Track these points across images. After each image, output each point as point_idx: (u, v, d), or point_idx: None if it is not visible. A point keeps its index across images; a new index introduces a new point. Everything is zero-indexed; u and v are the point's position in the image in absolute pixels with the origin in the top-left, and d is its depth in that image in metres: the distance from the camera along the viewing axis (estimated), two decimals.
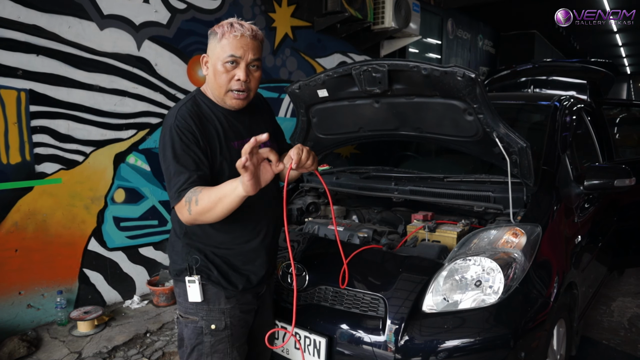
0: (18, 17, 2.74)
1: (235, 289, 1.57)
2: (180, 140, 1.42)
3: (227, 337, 1.57)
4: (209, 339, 1.56)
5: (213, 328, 1.55)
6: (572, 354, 2.28)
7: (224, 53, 1.44)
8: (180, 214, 1.41)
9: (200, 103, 1.54)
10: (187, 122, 1.45)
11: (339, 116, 2.47)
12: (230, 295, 1.57)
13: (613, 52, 13.57)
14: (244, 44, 1.44)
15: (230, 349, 1.58)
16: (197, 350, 1.57)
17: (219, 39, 1.45)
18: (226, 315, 1.57)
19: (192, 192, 1.37)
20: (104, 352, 2.75)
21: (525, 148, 1.95)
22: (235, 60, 1.45)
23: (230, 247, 1.56)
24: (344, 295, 1.79)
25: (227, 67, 1.45)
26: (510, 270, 1.71)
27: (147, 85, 3.42)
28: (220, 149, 1.50)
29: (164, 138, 1.46)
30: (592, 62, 4.45)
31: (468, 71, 1.84)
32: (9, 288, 2.83)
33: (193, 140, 1.43)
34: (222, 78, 1.47)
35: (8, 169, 2.78)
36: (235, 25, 1.45)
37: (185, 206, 1.37)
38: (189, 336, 1.58)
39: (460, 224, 2.07)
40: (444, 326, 1.63)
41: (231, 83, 1.48)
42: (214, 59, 1.47)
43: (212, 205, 1.34)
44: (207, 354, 1.56)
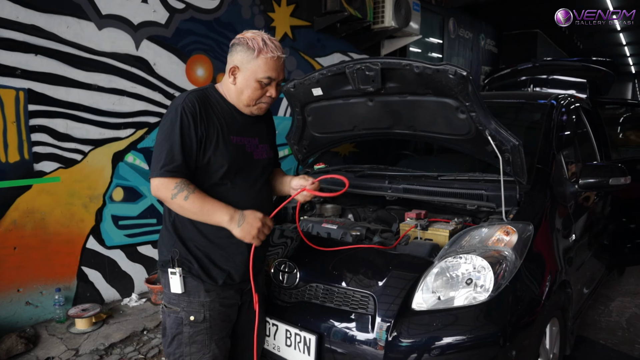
0: (17, 17, 2.76)
1: (215, 283, 1.61)
2: (181, 122, 1.51)
3: (206, 329, 1.61)
4: (188, 329, 1.60)
5: (192, 319, 1.59)
6: (567, 354, 2.27)
7: (262, 73, 1.55)
8: (157, 189, 1.49)
9: (210, 94, 1.62)
10: (194, 106, 1.53)
11: (333, 115, 2.47)
12: (210, 289, 1.60)
13: (617, 51, 13.49)
14: (278, 65, 1.58)
15: (209, 341, 1.62)
16: (176, 339, 1.62)
17: (256, 55, 1.54)
18: (205, 308, 1.60)
19: (186, 185, 1.47)
20: (100, 349, 2.76)
21: (517, 146, 1.95)
22: (270, 81, 1.58)
23: (213, 240, 1.60)
24: (334, 293, 1.80)
25: (261, 85, 1.58)
26: (500, 268, 1.71)
27: (146, 84, 3.44)
28: (217, 139, 1.56)
29: (169, 114, 1.54)
30: (593, 60, 4.43)
31: (460, 69, 1.84)
32: (7, 285, 2.86)
33: (192, 125, 1.52)
34: (256, 93, 1.59)
35: (7, 167, 2.80)
36: (270, 45, 1.55)
37: (171, 190, 1.46)
38: (170, 325, 1.63)
39: (452, 222, 2.07)
40: (434, 324, 1.63)
41: (262, 98, 1.62)
42: (247, 74, 1.56)
43: (197, 212, 1.50)
44: (186, 344, 1.61)
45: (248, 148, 1.66)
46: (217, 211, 1.50)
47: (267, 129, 1.79)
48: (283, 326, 1.83)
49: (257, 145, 1.70)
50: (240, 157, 1.62)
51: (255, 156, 1.68)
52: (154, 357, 2.74)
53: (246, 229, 1.50)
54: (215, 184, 1.58)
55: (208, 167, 1.56)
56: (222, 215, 1.50)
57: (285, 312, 1.86)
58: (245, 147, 1.65)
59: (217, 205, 1.50)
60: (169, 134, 1.51)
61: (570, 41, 10.91)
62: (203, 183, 1.57)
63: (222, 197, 1.58)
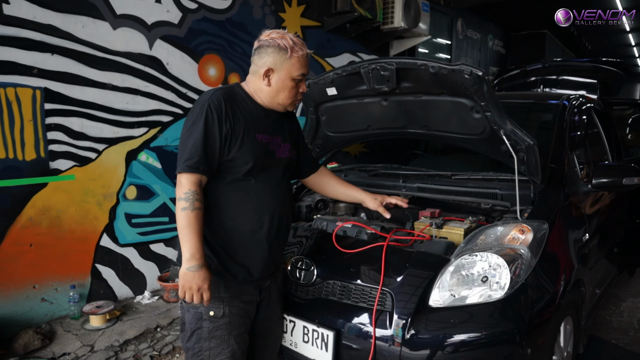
0: (34, 17, 2.80)
1: (234, 279, 1.63)
2: (206, 118, 1.53)
3: (225, 324, 1.63)
4: (208, 324, 1.62)
5: (211, 315, 1.61)
6: (580, 352, 2.28)
7: (296, 71, 1.61)
8: (178, 184, 1.54)
9: (236, 92, 1.65)
10: (220, 104, 1.56)
11: (347, 114, 2.49)
12: (229, 284, 1.63)
13: (626, 52, 13.41)
14: (306, 62, 1.64)
15: (228, 337, 1.63)
16: (196, 334, 1.63)
17: (289, 55, 1.58)
18: (225, 304, 1.62)
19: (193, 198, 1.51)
20: (115, 345, 2.80)
21: (532, 146, 1.96)
22: (302, 78, 1.64)
23: (232, 237, 1.62)
24: (351, 290, 1.82)
25: (296, 82, 1.64)
26: (516, 266, 1.72)
27: (159, 84, 3.48)
28: (242, 136, 1.58)
29: (194, 110, 1.58)
30: (603, 61, 4.43)
31: (475, 69, 1.85)
32: (23, 282, 2.90)
33: (217, 122, 1.54)
34: (293, 92, 1.66)
35: (23, 165, 2.84)
36: (297, 41, 1.60)
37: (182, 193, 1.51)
38: (190, 321, 1.65)
39: (467, 221, 2.08)
40: (450, 320, 1.64)
41: (297, 95, 1.68)
42: (283, 74, 1.61)
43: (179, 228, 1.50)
44: (205, 339, 1.62)
45: (271, 146, 1.68)
46: (188, 243, 1.48)
47: (290, 128, 1.81)
48: (301, 323, 1.85)
49: (280, 144, 1.72)
50: (264, 154, 1.64)
51: (277, 155, 1.70)
52: (168, 353, 2.77)
53: (188, 276, 1.48)
54: (239, 179, 1.61)
55: (233, 163, 1.58)
56: (189, 249, 1.48)
57: (302, 309, 1.88)
58: (269, 145, 1.67)
59: (195, 238, 1.49)
60: (193, 130, 1.54)
61: (578, 42, 10.87)
62: (227, 178, 1.60)
63: (245, 193, 1.61)
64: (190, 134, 1.54)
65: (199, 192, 1.52)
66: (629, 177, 2.34)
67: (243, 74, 4.07)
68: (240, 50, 4.01)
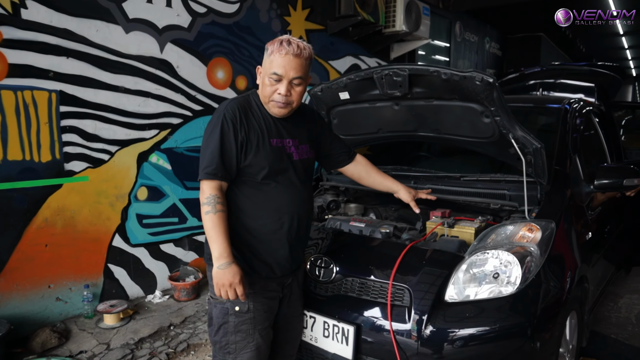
0: (50, 21, 2.86)
1: (258, 276, 1.71)
2: (222, 128, 1.63)
3: (250, 319, 1.71)
4: (233, 319, 1.70)
5: (237, 310, 1.70)
6: (583, 346, 2.38)
7: (270, 69, 1.64)
8: (200, 191, 1.65)
9: (252, 101, 1.74)
10: (234, 113, 1.65)
11: (359, 118, 2.58)
12: (253, 281, 1.71)
13: (619, 55, 13.63)
14: (286, 62, 1.61)
15: (253, 331, 1.72)
16: (223, 328, 1.72)
17: (269, 54, 1.64)
18: (249, 299, 1.70)
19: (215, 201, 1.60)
20: (131, 343, 2.86)
21: (539, 149, 2.05)
22: (278, 78, 1.63)
23: (256, 236, 1.70)
24: (370, 286, 1.90)
25: (271, 81, 1.65)
26: (526, 263, 1.81)
27: (169, 86, 3.54)
28: (257, 143, 1.67)
29: (212, 121, 1.67)
30: (600, 65, 4.54)
31: (486, 76, 1.94)
32: (39, 282, 2.95)
33: (232, 131, 1.63)
34: (267, 90, 1.67)
35: (39, 167, 2.90)
36: (284, 43, 1.62)
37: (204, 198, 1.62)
38: (217, 315, 1.73)
39: (477, 221, 2.18)
40: (465, 315, 1.73)
41: (273, 95, 1.67)
42: (263, 72, 1.68)
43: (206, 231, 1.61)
44: (231, 333, 1.71)
45: (287, 149, 1.76)
46: (215, 243, 1.57)
47: (308, 130, 1.87)
48: (321, 318, 1.93)
49: (298, 146, 1.80)
50: (280, 158, 1.72)
51: (294, 157, 1.78)
52: (183, 351, 2.84)
53: (220, 274, 1.57)
54: (259, 183, 1.69)
55: (250, 168, 1.67)
56: (217, 248, 1.57)
57: (322, 305, 1.96)
58: (285, 149, 1.75)
59: (221, 238, 1.57)
60: (211, 139, 1.64)
61: (573, 45, 11.05)
62: (249, 182, 1.69)
63: (266, 195, 1.70)
64: (208, 143, 1.64)
65: (220, 196, 1.62)
66: (630, 179, 2.43)
67: (250, 76, 4.14)
68: (247, 53, 4.09)
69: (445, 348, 1.71)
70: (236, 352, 1.70)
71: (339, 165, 2.13)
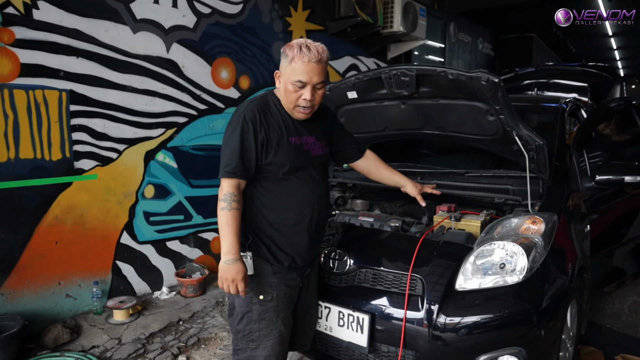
0: (61, 21, 2.91)
1: (281, 266, 1.79)
2: (242, 128, 1.70)
3: (274, 307, 1.78)
4: (257, 307, 1.77)
5: (261, 298, 1.77)
6: (582, 333, 2.49)
7: (294, 76, 1.68)
8: (220, 187, 1.72)
9: (270, 101, 1.79)
10: (254, 114, 1.71)
11: (366, 116, 2.66)
12: (276, 271, 1.79)
13: (608, 55, 13.90)
14: (310, 69, 1.67)
15: (276, 319, 1.79)
16: (246, 317, 1.79)
17: (290, 61, 1.68)
18: (273, 288, 1.78)
19: (231, 199, 1.68)
20: (142, 338, 2.92)
21: (542, 145, 2.15)
22: (302, 84, 1.69)
23: (278, 229, 1.78)
24: (384, 277, 1.99)
25: (295, 88, 1.70)
26: (531, 253, 1.91)
27: (175, 86, 3.60)
28: (277, 142, 1.74)
29: (233, 121, 1.74)
30: (592, 65, 4.67)
31: (492, 76, 2.03)
32: (50, 278, 3.00)
33: (252, 131, 1.70)
34: (292, 96, 1.73)
35: (50, 165, 2.94)
36: (304, 49, 1.66)
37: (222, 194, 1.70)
38: (240, 305, 1.80)
39: (482, 214, 2.27)
40: (475, 303, 1.82)
41: (299, 101, 1.73)
42: (285, 78, 1.72)
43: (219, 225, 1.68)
44: (256, 321, 1.78)
45: (305, 147, 1.83)
46: (226, 239, 1.66)
47: (324, 128, 1.95)
48: (336, 308, 2.01)
49: (315, 143, 1.87)
50: (299, 155, 1.79)
51: (312, 153, 1.86)
52: (194, 344, 2.90)
53: (225, 269, 1.66)
54: (280, 178, 1.77)
55: (272, 166, 1.75)
56: (226, 244, 1.66)
57: (337, 296, 2.04)
58: (303, 146, 1.82)
59: (231, 235, 1.66)
60: (231, 139, 1.71)
61: (563, 45, 11.25)
62: (270, 178, 1.77)
63: (287, 190, 1.78)
64: (229, 143, 1.71)
65: (237, 194, 1.69)
66: (632, 176, 2.49)
67: (253, 76, 4.21)
68: (250, 53, 4.15)
69: (456, 334, 1.80)
70: (260, 339, 1.77)
71: (350, 160, 2.21)
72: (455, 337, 1.80)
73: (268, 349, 1.78)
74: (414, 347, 1.85)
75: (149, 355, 2.75)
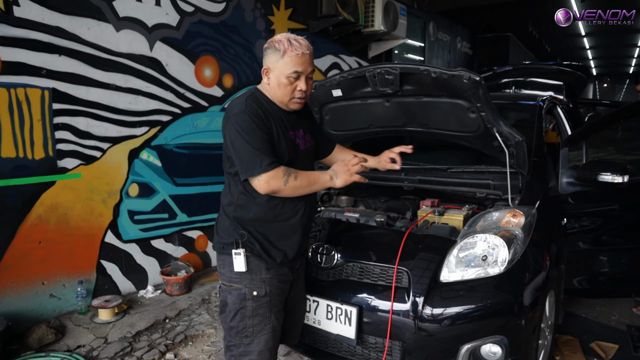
0: (42, 19, 2.87)
1: (274, 261, 1.81)
2: (254, 122, 1.68)
3: (267, 303, 1.81)
4: (251, 304, 1.79)
5: (255, 294, 1.79)
6: (559, 323, 2.59)
7: (289, 69, 1.70)
8: (269, 184, 1.67)
9: (259, 98, 1.79)
10: (256, 109, 1.71)
11: (350, 114, 2.71)
12: (270, 267, 1.81)
13: (581, 55, 14.31)
14: (304, 60, 1.72)
15: (269, 314, 1.82)
16: (240, 313, 1.80)
17: (282, 55, 1.70)
18: (266, 284, 1.80)
19: (287, 169, 1.69)
20: (128, 336, 2.91)
21: (521, 142, 2.24)
22: (298, 75, 1.72)
23: (271, 223, 1.80)
24: (371, 270, 2.04)
25: (290, 80, 1.73)
26: (512, 245, 1.99)
27: (159, 84, 3.59)
28: (278, 135, 1.76)
29: (237, 121, 1.68)
30: (567, 65, 4.83)
31: (473, 74, 2.10)
32: (33, 278, 2.96)
33: (262, 124, 1.70)
34: (287, 89, 1.74)
35: (33, 164, 2.91)
36: (294, 42, 1.70)
37: (282, 177, 1.68)
38: (233, 301, 1.81)
39: (465, 209, 2.35)
40: (459, 294, 1.89)
41: (295, 92, 1.76)
42: (277, 72, 1.73)
43: (307, 185, 1.74)
44: (249, 317, 1.80)
45: (297, 140, 1.86)
46: (320, 176, 1.76)
47: (308, 120, 1.99)
48: (324, 302, 2.05)
49: (303, 136, 1.90)
50: (293, 149, 1.82)
51: (301, 146, 1.88)
52: (181, 342, 2.91)
53: (344, 176, 1.76)
54: None
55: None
56: (324, 176, 1.76)
57: (325, 290, 2.09)
58: (295, 140, 1.85)
59: (316, 173, 1.77)
60: (249, 136, 1.66)
61: (539, 44, 11.53)
62: None
63: None
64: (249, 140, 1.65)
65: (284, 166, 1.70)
66: (605, 174, 2.48)
67: (236, 75, 4.22)
68: (233, 52, 4.16)
69: (441, 325, 1.87)
70: (253, 335, 1.79)
71: (324, 155, 2.17)
72: (440, 328, 1.87)
73: (262, 344, 1.81)
74: (401, 338, 1.92)
75: (136, 353, 2.75)
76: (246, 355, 1.81)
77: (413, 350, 1.89)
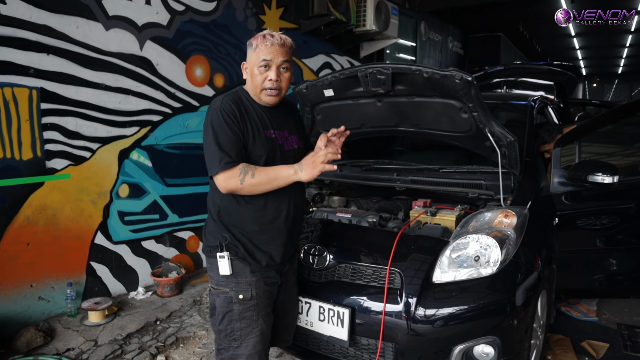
0: (30, 17, 2.83)
1: (259, 264, 1.80)
2: (224, 121, 1.68)
3: (254, 306, 1.80)
4: (238, 307, 1.78)
5: (241, 298, 1.78)
6: (551, 322, 2.60)
7: (258, 58, 1.73)
8: (226, 182, 1.66)
9: (241, 96, 1.80)
10: (231, 107, 1.72)
11: (342, 114, 2.70)
12: (255, 269, 1.79)
13: (570, 55, 14.42)
14: (273, 50, 1.73)
15: (257, 317, 1.80)
16: (227, 316, 1.79)
17: (254, 48, 1.74)
18: (252, 287, 1.79)
19: (246, 166, 1.66)
20: (118, 339, 2.88)
21: (513, 142, 2.24)
22: (267, 63, 1.73)
23: (254, 226, 1.78)
24: (363, 271, 2.03)
25: (261, 70, 1.74)
26: (504, 246, 1.99)
27: (149, 84, 3.55)
28: (254, 135, 1.74)
29: (211, 117, 1.71)
30: (557, 65, 4.86)
31: (465, 75, 2.11)
32: (22, 281, 2.92)
33: (234, 122, 1.70)
34: (258, 79, 1.75)
35: (20, 164, 2.86)
36: (267, 36, 1.73)
37: (238, 176, 1.65)
38: (221, 305, 1.80)
39: (457, 209, 2.35)
40: (452, 294, 1.89)
41: (265, 83, 1.75)
42: (251, 65, 1.77)
43: (267, 181, 1.68)
44: (236, 320, 1.79)
45: (279, 140, 1.84)
46: (282, 171, 1.69)
47: (295, 122, 1.97)
48: (316, 303, 2.04)
49: (287, 137, 1.88)
50: (274, 148, 1.80)
51: (285, 147, 1.86)
52: (172, 344, 2.88)
53: (308, 169, 1.67)
54: None
55: (249, 160, 1.74)
56: (288, 171, 1.69)
57: (317, 291, 2.07)
58: (277, 140, 1.83)
59: (278, 167, 1.70)
60: (217, 133, 1.68)
61: (529, 45, 11.60)
62: None
63: None
64: (215, 137, 1.67)
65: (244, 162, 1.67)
66: (595, 175, 2.47)
67: (227, 74, 4.19)
68: (224, 51, 4.13)
69: (434, 326, 1.86)
70: (242, 338, 1.78)
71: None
72: (432, 329, 1.87)
73: (250, 347, 1.80)
74: (394, 339, 1.91)
75: (126, 356, 2.72)
76: (235, 358, 1.80)
77: (406, 351, 1.89)
